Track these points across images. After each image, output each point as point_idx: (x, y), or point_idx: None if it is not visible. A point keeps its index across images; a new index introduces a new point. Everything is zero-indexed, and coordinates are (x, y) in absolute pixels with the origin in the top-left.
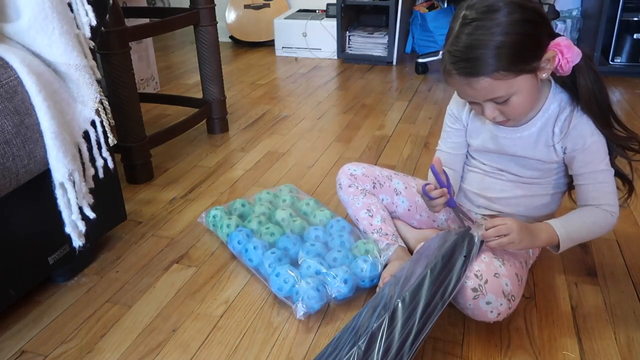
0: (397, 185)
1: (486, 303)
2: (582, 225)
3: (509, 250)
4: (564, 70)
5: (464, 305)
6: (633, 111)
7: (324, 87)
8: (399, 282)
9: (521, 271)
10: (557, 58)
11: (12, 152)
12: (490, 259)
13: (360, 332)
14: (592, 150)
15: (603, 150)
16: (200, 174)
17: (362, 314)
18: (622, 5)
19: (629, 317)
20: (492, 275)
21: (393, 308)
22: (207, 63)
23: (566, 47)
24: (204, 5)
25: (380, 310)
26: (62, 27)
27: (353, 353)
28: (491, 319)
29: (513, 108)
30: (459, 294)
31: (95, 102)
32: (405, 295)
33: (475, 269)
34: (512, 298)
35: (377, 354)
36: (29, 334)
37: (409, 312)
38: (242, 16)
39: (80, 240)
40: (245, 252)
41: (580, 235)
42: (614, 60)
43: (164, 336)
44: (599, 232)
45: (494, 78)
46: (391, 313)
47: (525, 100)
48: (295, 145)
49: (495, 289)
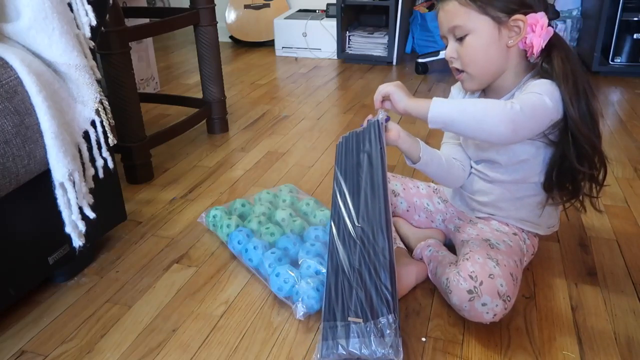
0: (395, 187)
1: (482, 305)
2: (470, 104)
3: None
4: (534, 48)
5: (460, 307)
6: (633, 111)
7: (324, 87)
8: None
9: (516, 270)
10: (528, 31)
11: (12, 152)
12: (485, 260)
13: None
14: (535, 84)
15: (549, 89)
16: (200, 174)
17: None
18: (622, 5)
19: (629, 317)
20: (487, 277)
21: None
22: (207, 63)
23: (540, 24)
24: (204, 5)
25: (348, 241)
26: (62, 27)
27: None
28: (487, 320)
29: (466, 50)
30: (454, 296)
31: (96, 102)
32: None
33: (469, 270)
34: (507, 299)
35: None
36: (29, 334)
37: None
38: (242, 16)
39: (80, 240)
40: (245, 252)
41: (461, 111)
42: (614, 60)
43: (164, 336)
44: (487, 119)
45: (460, 3)
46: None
47: (477, 47)
48: (296, 145)
49: (490, 290)
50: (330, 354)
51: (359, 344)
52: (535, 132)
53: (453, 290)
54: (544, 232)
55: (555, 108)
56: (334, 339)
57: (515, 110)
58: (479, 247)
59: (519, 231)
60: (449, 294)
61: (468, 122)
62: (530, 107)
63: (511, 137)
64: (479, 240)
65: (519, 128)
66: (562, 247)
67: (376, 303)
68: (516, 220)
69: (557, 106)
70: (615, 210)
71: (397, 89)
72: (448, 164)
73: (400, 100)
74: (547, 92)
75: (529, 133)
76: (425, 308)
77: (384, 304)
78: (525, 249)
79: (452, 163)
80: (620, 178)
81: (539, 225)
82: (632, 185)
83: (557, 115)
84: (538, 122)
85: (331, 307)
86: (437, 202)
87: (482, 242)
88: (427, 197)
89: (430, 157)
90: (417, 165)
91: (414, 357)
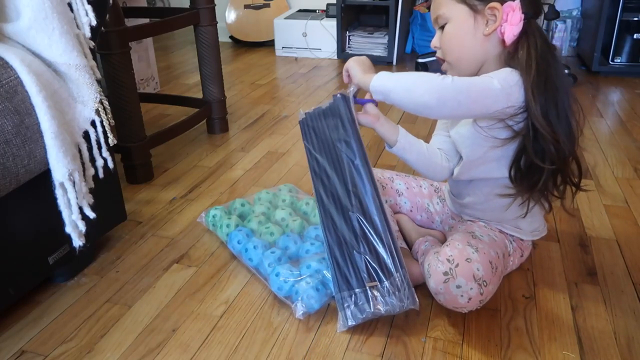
0: (399, 186)
1: (456, 287)
2: (406, 76)
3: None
4: (505, 36)
5: (436, 290)
6: (633, 111)
7: (324, 87)
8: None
9: (496, 260)
10: (503, 20)
11: (12, 152)
12: (464, 246)
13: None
14: (495, 71)
15: (503, 74)
16: (200, 174)
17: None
18: (622, 5)
19: (629, 317)
20: (464, 260)
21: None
22: (207, 63)
23: (515, 12)
24: (204, 5)
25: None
26: (62, 27)
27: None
28: (462, 305)
29: (444, 38)
30: (430, 279)
31: (95, 102)
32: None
33: (448, 254)
34: (483, 283)
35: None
36: (29, 334)
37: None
38: (242, 16)
39: (80, 240)
40: (245, 251)
41: (396, 81)
42: (614, 60)
43: (163, 336)
44: (415, 88)
45: None
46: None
47: (453, 35)
48: (296, 145)
49: (465, 272)
50: (355, 319)
51: (381, 305)
52: (473, 111)
53: (432, 273)
54: (527, 237)
55: (505, 93)
56: (356, 305)
57: (445, 83)
58: (461, 236)
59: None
60: (428, 278)
61: (400, 92)
62: (466, 82)
63: (436, 107)
64: (463, 232)
65: (445, 99)
66: (562, 247)
67: (385, 263)
68: (497, 223)
69: (509, 92)
70: (616, 210)
71: (355, 64)
72: (429, 153)
73: (355, 75)
74: (498, 76)
75: (461, 109)
76: (425, 308)
77: (392, 262)
78: (511, 249)
79: (435, 152)
80: (620, 178)
81: (521, 229)
82: (632, 185)
83: (507, 101)
84: (474, 100)
85: (344, 277)
86: (436, 202)
87: (466, 233)
88: (428, 197)
89: (408, 143)
90: (395, 150)
91: (414, 357)
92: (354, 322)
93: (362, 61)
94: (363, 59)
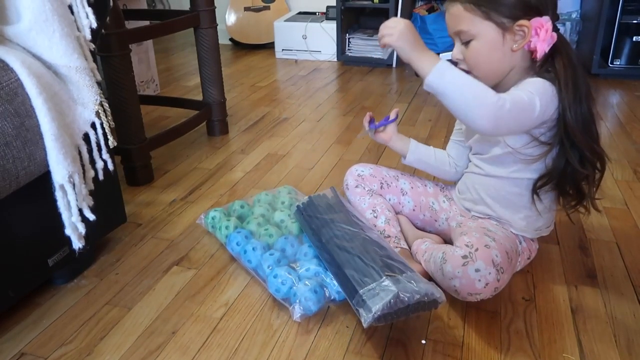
0: (403, 185)
1: (475, 270)
2: (468, 81)
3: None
4: (537, 52)
5: (453, 274)
6: (632, 113)
7: (324, 89)
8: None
9: (511, 252)
10: (532, 35)
11: (12, 154)
12: (482, 235)
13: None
14: (527, 82)
15: (542, 88)
16: (200, 176)
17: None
18: (621, 8)
19: (629, 320)
20: (483, 246)
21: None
22: (207, 65)
23: (545, 29)
24: (204, 8)
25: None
26: (62, 30)
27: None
28: (478, 290)
29: (470, 54)
30: (448, 264)
31: (96, 104)
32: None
33: (466, 240)
34: (500, 269)
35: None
36: (29, 336)
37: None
38: (242, 18)
39: (80, 242)
40: (244, 253)
41: (456, 89)
42: (613, 62)
43: (163, 338)
44: (474, 107)
45: (464, 8)
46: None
47: (481, 52)
48: (295, 147)
49: (485, 256)
50: (384, 307)
51: (408, 292)
52: (514, 132)
53: (448, 259)
54: (531, 236)
55: (542, 111)
56: (379, 294)
57: (503, 109)
58: (476, 228)
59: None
60: (443, 264)
61: (455, 102)
62: (519, 108)
63: (490, 132)
64: (476, 227)
65: (500, 126)
66: (561, 249)
67: (395, 265)
68: (507, 220)
69: (545, 109)
70: (615, 212)
71: (401, 42)
72: (437, 162)
73: (403, 52)
74: (539, 92)
75: (508, 132)
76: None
77: (402, 265)
78: (521, 249)
79: (443, 160)
80: (620, 180)
81: (526, 226)
82: (631, 188)
83: (543, 117)
84: (519, 123)
85: (359, 277)
86: (442, 200)
87: (480, 228)
88: (433, 196)
89: (416, 160)
90: (406, 162)
91: (414, 359)
92: (382, 312)
93: (406, 32)
94: (404, 27)
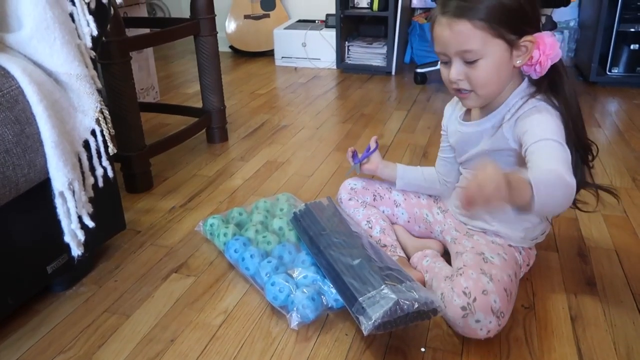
0: (396, 197)
1: (475, 321)
2: (551, 181)
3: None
4: (542, 66)
5: (454, 323)
6: (631, 121)
7: (323, 97)
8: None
9: (510, 285)
10: (536, 51)
11: (13, 161)
12: (478, 275)
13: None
14: (541, 121)
15: (556, 127)
16: (199, 183)
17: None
18: (619, 16)
19: (629, 328)
20: (481, 293)
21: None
22: (207, 73)
23: (549, 44)
24: (204, 16)
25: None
26: (63, 37)
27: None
28: (482, 336)
29: (478, 73)
30: (447, 310)
31: (96, 112)
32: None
33: (463, 285)
34: (501, 315)
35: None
36: (27, 343)
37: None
38: (242, 26)
39: (79, 249)
40: (242, 260)
41: (549, 195)
42: (611, 70)
43: (162, 346)
44: (563, 199)
45: (474, 25)
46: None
47: (490, 71)
48: (295, 155)
49: (484, 306)
50: (384, 315)
51: (408, 300)
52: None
53: (447, 305)
54: (530, 245)
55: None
56: (379, 302)
57: (571, 187)
58: (473, 261)
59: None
60: (444, 308)
61: (553, 207)
62: (569, 165)
63: (565, 206)
64: (473, 254)
65: (571, 197)
66: (561, 257)
67: (394, 273)
68: (504, 229)
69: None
70: (614, 220)
71: (500, 200)
72: (427, 182)
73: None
74: (559, 134)
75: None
76: None
77: (402, 275)
78: (521, 260)
79: (432, 180)
80: (619, 188)
81: (524, 238)
82: (630, 195)
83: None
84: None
85: (359, 285)
86: (436, 212)
87: (476, 257)
88: (427, 208)
89: (406, 182)
90: (397, 189)
91: None
92: (381, 319)
93: (501, 185)
94: (497, 176)
